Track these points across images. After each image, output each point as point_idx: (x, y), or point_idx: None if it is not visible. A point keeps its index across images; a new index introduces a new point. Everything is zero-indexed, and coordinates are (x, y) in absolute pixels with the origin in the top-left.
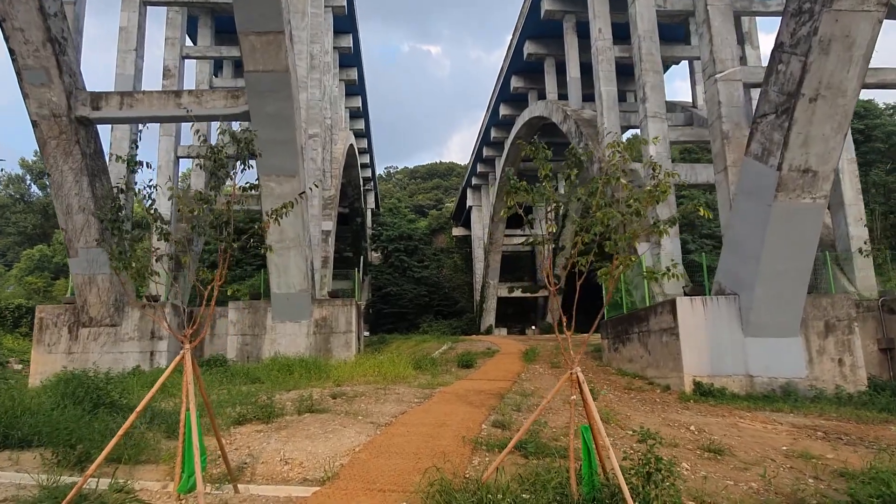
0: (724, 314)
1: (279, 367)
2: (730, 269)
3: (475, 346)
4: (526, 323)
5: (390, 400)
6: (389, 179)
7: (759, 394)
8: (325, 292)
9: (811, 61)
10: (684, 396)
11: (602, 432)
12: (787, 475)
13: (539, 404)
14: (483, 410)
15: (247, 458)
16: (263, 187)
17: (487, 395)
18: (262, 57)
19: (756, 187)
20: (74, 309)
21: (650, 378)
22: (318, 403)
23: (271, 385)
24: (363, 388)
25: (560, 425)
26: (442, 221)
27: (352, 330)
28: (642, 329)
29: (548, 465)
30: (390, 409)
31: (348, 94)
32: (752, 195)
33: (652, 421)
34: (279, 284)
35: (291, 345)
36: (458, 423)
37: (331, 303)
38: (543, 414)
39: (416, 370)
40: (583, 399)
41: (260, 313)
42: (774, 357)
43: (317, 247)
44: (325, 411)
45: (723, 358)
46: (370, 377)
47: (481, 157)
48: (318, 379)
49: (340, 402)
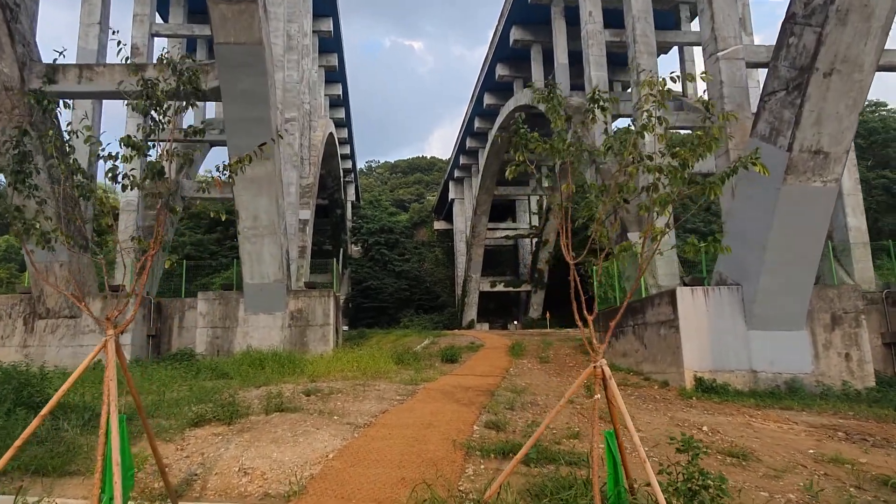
0: (726, 306)
1: (250, 361)
2: (732, 259)
3: (458, 341)
4: (508, 318)
5: (370, 397)
6: (370, 174)
7: (763, 390)
8: (302, 283)
9: (827, 32)
10: (685, 393)
11: (636, 439)
12: (826, 485)
13: (533, 401)
14: (473, 409)
15: (198, 469)
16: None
17: (476, 391)
18: (233, 28)
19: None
20: (30, 299)
21: (646, 373)
22: (290, 401)
23: (240, 381)
24: (340, 385)
25: (560, 426)
26: (423, 215)
27: (329, 323)
28: (638, 322)
29: (554, 474)
30: (370, 408)
31: (328, 82)
32: (758, 179)
33: (658, 421)
34: (252, 274)
35: (265, 338)
36: (446, 424)
37: (307, 294)
38: (539, 413)
39: (397, 365)
40: (608, 398)
41: (231, 305)
42: (779, 351)
43: (293, 236)
44: (296, 410)
45: (725, 352)
46: (348, 372)
47: (464, 148)
48: (291, 374)
49: (314, 399)
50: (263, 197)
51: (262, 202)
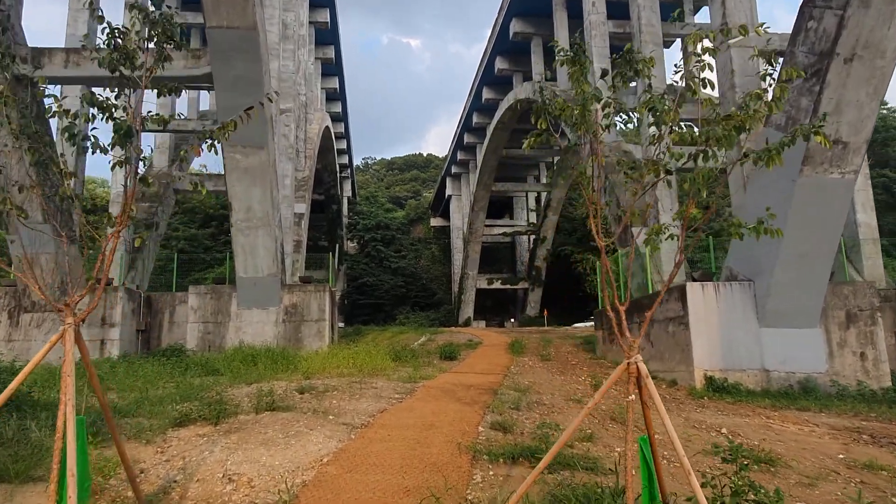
0: (738, 302)
1: (242, 357)
2: (744, 253)
3: (456, 338)
4: (505, 315)
5: (367, 395)
6: (366, 170)
7: (776, 390)
8: (297, 278)
9: (849, 15)
10: (695, 392)
11: (679, 447)
12: (866, 495)
13: (539, 401)
14: (476, 409)
15: (178, 474)
16: (228, 160)
17: (478, 390)
18: (226, 11)
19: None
20: (15, 293)
21: (653, 372)
22: (282, 399)
23: (230, 377)
24: (336, 382)
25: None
26: (420, 211)
27: (325, 318)
28: (644, 319)
29: (570, 480)
30: (367, 407)
31: (325, 75)
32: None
33: (674, 422)
34: (245, 267)
35: (258, 333)
36: (449, 425)
37: (302, 289)
38: (547, 413)
39: (395, 362)
40: (642, 400)
41: (224, 299)
42: (793, 349)
43: (288, 230)
44: (288, 409)
45: (736, 350)
46: (344, 369)
47: (462, 144)
48: (284, 371)
49: (308, 397)
50: (257, 187)
51: (256, 193)
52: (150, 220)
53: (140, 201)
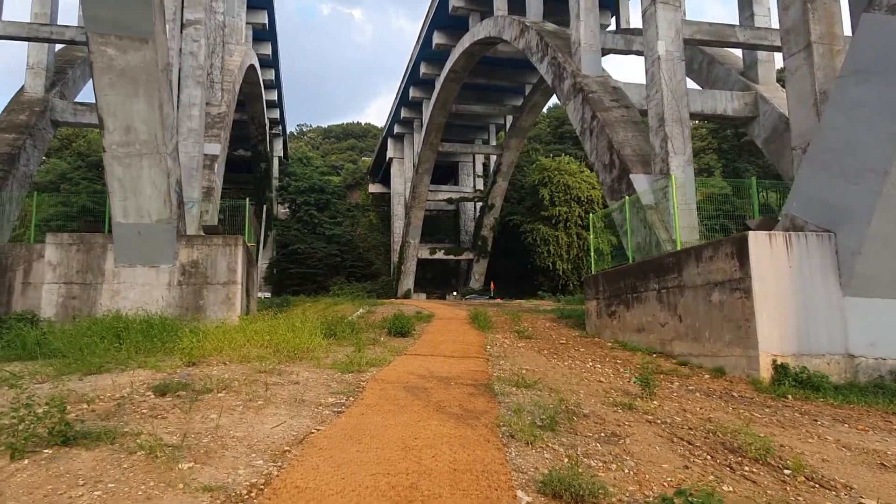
0: (814, 261)
1: (103, 330)
2: (818, 194)
3: (403, 310)
4: (446, 288)
5: (279, 399)
6: (301, 137)
7: (865, 383)
8: (199, 228)
9: None
10: (760, 386)
11: None
12: None
13: (575, 409)
14: (481, 431)
15: None
16: (96, 55)
17: (461, 386)
18: None
19: (883, 60)
20: None
21: (680, 356)
22: (109, 414)
23: (67, 363)
24: (233, 371)
25: (668, 472)
26: (358, 177)
27: (236, 280)
28: (666, 285)
29: None
30: (271, 433)
31: (251, 8)
32: (873, 74)
33: (832, 453)
34: (126, 210)
35: (144, 299)
36: (450, 488)
37: (206, 241)
38: (606, 436)
39: (328, 339)
40: None
41: (96, 252)
42: (888, 328)
43: (195, 171)
44: (103, 440)
45: (814, 328)
46: (254, 349)
47: (407, 99)
48: (161, 351)
49: (167, 406)
50: (140, 98)
51: (139, 106)
52: (12, 153)
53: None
